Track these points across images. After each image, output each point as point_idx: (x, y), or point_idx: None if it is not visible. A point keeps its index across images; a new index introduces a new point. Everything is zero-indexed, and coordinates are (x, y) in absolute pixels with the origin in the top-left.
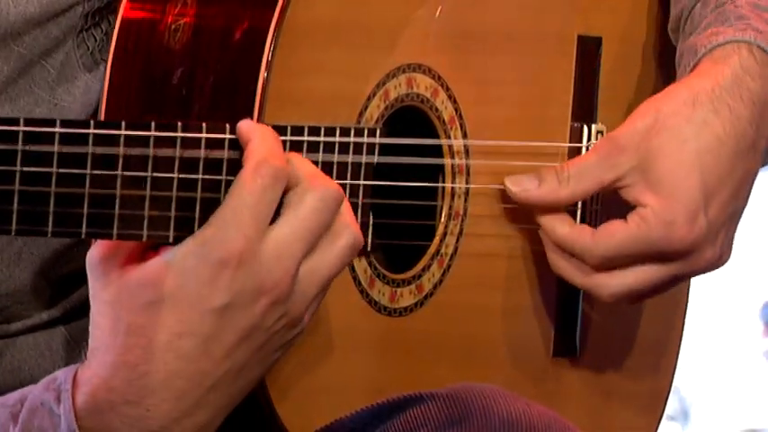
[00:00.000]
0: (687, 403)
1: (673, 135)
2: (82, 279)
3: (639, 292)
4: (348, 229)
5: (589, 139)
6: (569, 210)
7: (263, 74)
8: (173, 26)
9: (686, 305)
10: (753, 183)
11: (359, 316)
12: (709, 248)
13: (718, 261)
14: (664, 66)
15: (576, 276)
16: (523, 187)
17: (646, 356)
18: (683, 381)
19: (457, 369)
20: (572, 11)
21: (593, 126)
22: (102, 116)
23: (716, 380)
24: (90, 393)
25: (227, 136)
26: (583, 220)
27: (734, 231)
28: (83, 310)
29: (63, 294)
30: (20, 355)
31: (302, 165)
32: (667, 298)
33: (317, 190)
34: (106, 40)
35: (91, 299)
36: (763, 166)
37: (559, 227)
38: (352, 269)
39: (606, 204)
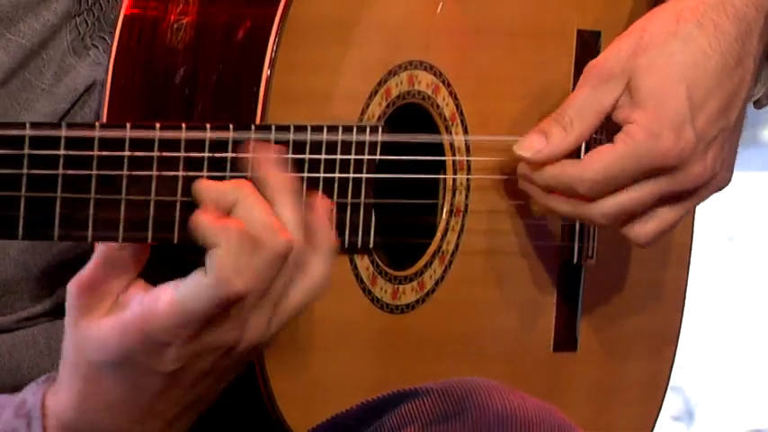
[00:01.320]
0: (692, 404)
1: (658, 51)
2: (73, 268)
3: (631, 210)
4: (307, 278)
5: None
6: None
7: (266, 72)
8: (175, 25)
9: (684, 297)
10: (744, 102)
11: (361, 313)
12: (699, 162)
13: (712, 180)
14: None
15: (566, 205)
16: (534, 149)
17: (644, 349)
18: (688, 381)
19: (459, 365)
20: (571, 5)
21: None
22: (104, 117)
23: (721, 380)
24: (61, 427)
25: (231, 135)
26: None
27: (730, 153)
28: None
29: (55, 284)
30: (18, 355)
31: (248, 214)
32: (666, 289)
33: (262, 252)
34: (97, 26)
35: (65, 325)
36: (753, 93)
37: (545, 168)
38: (355, 267)
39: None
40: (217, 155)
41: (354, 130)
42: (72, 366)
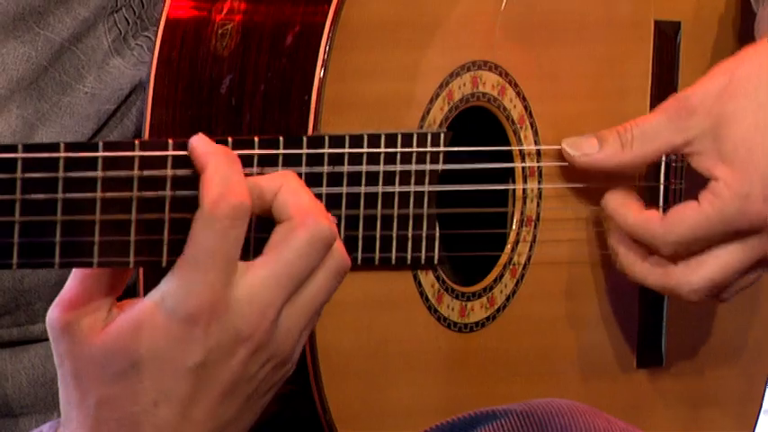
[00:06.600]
0: None
1: (748, 99)
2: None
3: (722, 283)
4: (333, 254)
5: None
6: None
7: (318, 78)
8: (220, 31)
9: None
10: None
11: (427, 333)
12: None
13: None
14: None
15: (653, 278)
16: (583, 151)
17: (736, 364)
18: None
19: (535, 385)
20: None
21: None
22: (146, 130)
23: None
24: None
25: (281, 152)
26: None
27: None
28: None
29: None
30: (52, 367)
31: (293, 196)
32: (755, 300)
33: (306, 229)
34: (140, 24)
35: (56, 365)
36: None
37: (629, 214)
38: (419, 284)
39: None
40: (267, 170)
41: (415, 137)
42: (77, 403)
